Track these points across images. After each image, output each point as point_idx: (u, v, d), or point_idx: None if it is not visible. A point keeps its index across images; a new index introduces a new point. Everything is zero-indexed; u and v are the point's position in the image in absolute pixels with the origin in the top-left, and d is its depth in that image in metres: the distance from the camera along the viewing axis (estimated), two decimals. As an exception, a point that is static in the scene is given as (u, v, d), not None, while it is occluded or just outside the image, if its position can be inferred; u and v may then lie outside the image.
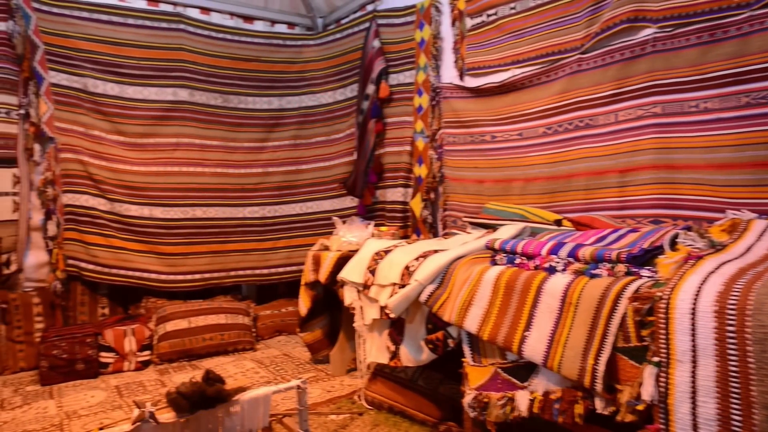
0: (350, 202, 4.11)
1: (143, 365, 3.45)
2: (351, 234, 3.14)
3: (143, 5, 3.93)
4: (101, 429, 1.82)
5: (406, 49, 3.73)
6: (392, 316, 2.26)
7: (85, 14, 3.69)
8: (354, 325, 2.70)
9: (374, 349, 2.57)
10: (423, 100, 3.59)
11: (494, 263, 2.04)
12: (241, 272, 4.14)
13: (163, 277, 3.87)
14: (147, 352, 3.50)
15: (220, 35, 4.13)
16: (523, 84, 2.96)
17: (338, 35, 4.21)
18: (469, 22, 3.30)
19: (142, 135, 3.88)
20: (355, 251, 2.90)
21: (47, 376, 3.20)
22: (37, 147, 3.58)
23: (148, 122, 3.89)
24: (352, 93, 4.14)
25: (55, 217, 3.60)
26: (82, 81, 3.68)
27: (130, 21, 3.84)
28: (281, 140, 4.30)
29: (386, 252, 2.57)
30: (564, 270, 1.75)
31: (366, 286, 2.56)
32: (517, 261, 1.95)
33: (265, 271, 4.21)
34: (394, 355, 2.41)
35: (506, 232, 2.42)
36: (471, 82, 3.30)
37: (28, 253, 3.62)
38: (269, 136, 4.28)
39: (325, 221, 4.16)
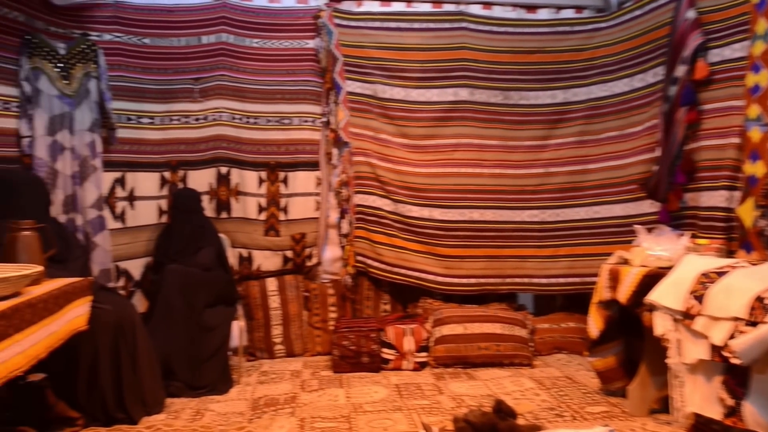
0: (649, 207, 3.47)
1: (420, 366, 3.46)
2: (659, 246, 2.58)
3: (428, 8, 3.97)
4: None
5: (735, 16, 2.95)
6: (738, 362, 1.70)
7: (377, 23, 3.88)
8: (667, 361, 2.18)
9: (697, 396, 2.02)
10: (761, 78, 2.78)
11: None
12: (517, 279, 3.88)
13: (440, 279, 3.85)
14: (424, 354, 3.50)
15: (501, 29, 3.93)
16: None
17: (638, 12, 3.61)
18: None
19: (423, 137, 3.92)
20: (667, 268, 2.35)
21: (338, 365, 3.44)
22: (335, 151, 3.90)
23: (429, 124, 3.91)
24: (654, 78, 3.49)
25: (348, 216, 3.88)
26: (372, 87, 3.88)
27: (416, 25, 3.91)
28: (565, 137, 3.90)
29: (718, 273, 2.00)
30: None
31: (688, 316, 2.03)
32: None
33: (544, 280, 3.86)
34: (733, 412, 1.83)
35: None
36: None
37: (326, 248, 3.97)
38: (552, 133, 3.91)
39: (615, 228, 3.62)
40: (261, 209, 3.85)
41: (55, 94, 3.24)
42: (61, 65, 3.28)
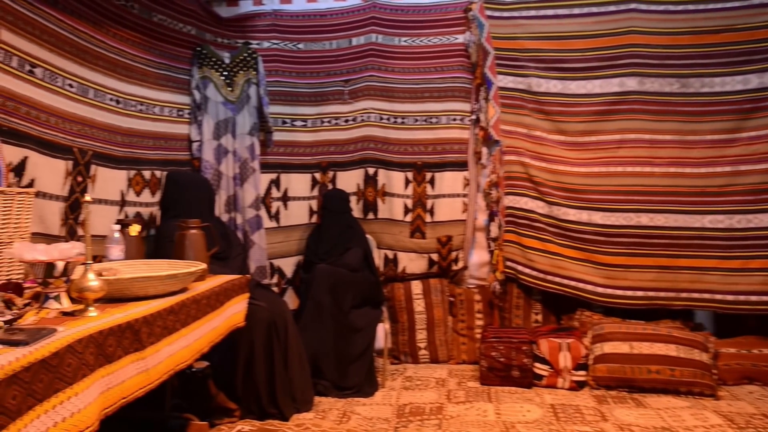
0: None
1: (577, 386, 3.14)
2: None
3: (591, -9, 3.61)
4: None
5: None
6: None
7: (531, 12, 3.60)
8: None
9: None
10: None
11: None
12: (695, 295, 3.36)
13: (599, 289, 3.47)
14: (582, 372, 3.17)
15: (679, 7, 3.43)
16: None
17: None
18: None
19: (582, 133, 3.57)
20: None
21: (486, 376, 3.24)
22: (484, 150, 3.70)
23: (590, 118, 3.55)
24: None
25: (497, 219, 3.65)
26: (526, 81, 3.62)
27: (576, 11, 3.56)
28: (760, 129, 3.30)
29: None
30: None
31: None
32: None
33: (730, 297, 3.30)
34: None
35: None
36: None
37: (473, 252, 3.79)
38: (743, 125, 3.33)
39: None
40: (407, 210, 3.78)
41: (220, 100, 3.46)
42: (226, 73, 3.49)
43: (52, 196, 2.40)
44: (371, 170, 3.79)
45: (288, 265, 3.73)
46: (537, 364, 3.20)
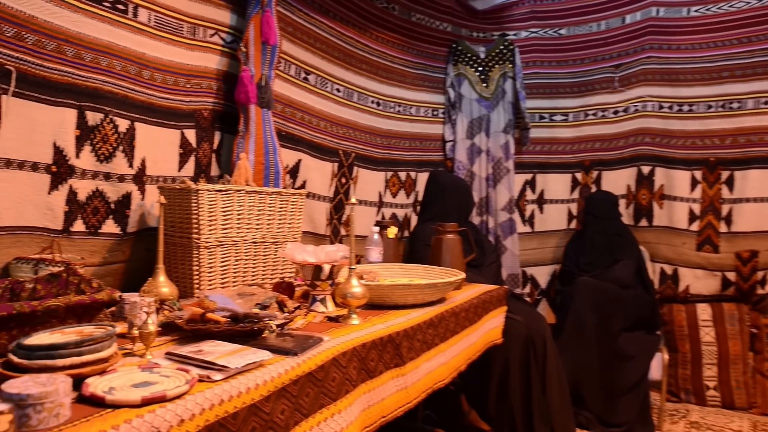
0: None
1: None
2: None
3: None
4: None
5: None
6: None
7: None
8: None
9: None
10: None
11: None
12: None
13: None
14: None
15: None
16: None
17: None
18: None
19: None
20: None
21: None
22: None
23: None
24: None
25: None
26: None
27: None
28: None
29: None
30: None
31: None
32: None
33: None
34: None
35: None
36: None
37: (788, 273, 2.94)
38: None
39: None
40: (693, 217, 3.10)
41: (474, 97, 3.30)
42: (481, 69, 3.32)
43: (320, 196, 2.50)
44: (646, 169, 3.22)
45: (542, 275, 3.39)
46: None
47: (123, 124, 1.67)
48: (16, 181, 1.42)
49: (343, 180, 2.65)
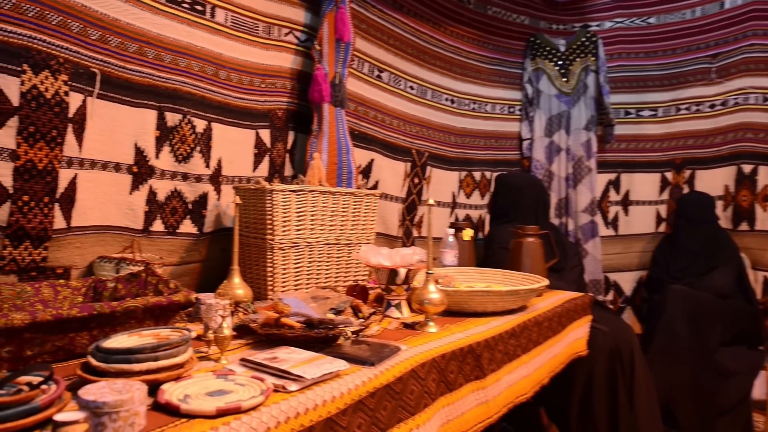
0: None
1: None
2: None
3: None
4: None
5: None
6: None
7: None
8: None
9: None
10: None
11: None
12: None
13: None
14: None
15: None
16: None
17: None
18: None
19: None
20: None
21: None
22: None
23: None
24: None
25: None
26: None
27: None
28: None
29: None
30: None
31: None
32: None
33: None
34: None
35: None
36: None
37: None
38: None
39: None
40: (804, 221, 2.80)
41: (553, 93, 3.14)
42: (561, 63, 3.14)
43: (392, 197, 2.44)
44: (747, 167, 2.93)
45: (627, 281, 3.17)
46: None
47: (200, 125, 1.68)
48: (99, 181, 1.45)
49: (416, 180, 2.57)
